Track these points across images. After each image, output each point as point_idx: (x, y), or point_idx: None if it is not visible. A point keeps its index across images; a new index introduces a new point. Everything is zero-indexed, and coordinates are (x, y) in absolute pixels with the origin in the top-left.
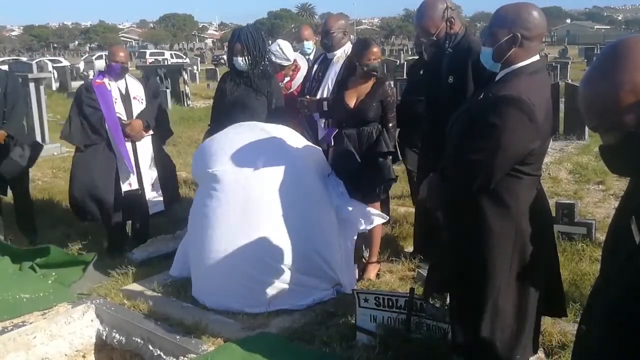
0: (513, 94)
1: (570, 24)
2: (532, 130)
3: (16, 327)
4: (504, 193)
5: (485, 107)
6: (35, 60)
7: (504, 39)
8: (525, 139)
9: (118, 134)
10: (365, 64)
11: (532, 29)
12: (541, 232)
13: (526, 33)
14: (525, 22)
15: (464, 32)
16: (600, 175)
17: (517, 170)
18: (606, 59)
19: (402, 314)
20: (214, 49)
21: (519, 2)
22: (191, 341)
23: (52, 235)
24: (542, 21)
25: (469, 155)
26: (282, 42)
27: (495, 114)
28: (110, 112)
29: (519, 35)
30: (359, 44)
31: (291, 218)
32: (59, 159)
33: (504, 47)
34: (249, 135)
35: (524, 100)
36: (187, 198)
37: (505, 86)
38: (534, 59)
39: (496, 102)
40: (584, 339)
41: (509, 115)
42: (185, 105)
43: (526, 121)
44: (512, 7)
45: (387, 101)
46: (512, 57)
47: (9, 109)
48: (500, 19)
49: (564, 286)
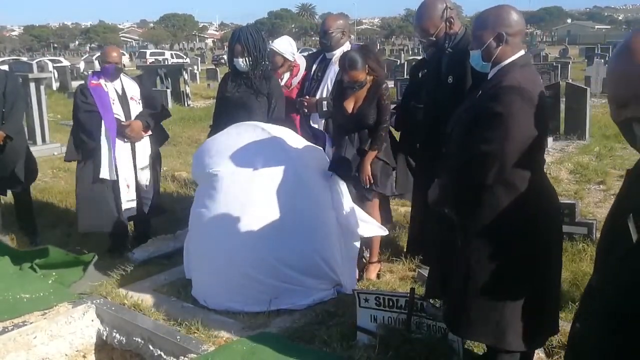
0: (512, 83)
1: (570, 24)
2: (533, 115)
3: (16, 327)
4: (517, 181)
5: (487, 100)
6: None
7: (490, 38)
8: (529, 124)
9: (113, 136)
10: (346, 81)
11: (513, 25)
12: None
13: (509, 30)
14: (506, 21)
15: (463, 32)
16: (601, 175)
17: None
18: (636, 37)
19: (403, 314)
20: (214, 49)
21: (497, 5)
22: (191, 341)
23: (52, 235)
24: (521, 19)
25: (479, 147)
26: (291, 39)
27: (499, 104)
28: (108, 113)
29: (504, 34)
30: (341, 60)
31: (291, 218)
32: (59, 159)
33: (492, 46)
34: (249, 135)
35: (524, 88)
36: (188, 198)
37: (502, 79)
38: (520, 54)
39: (497, 93)
40: (578, 336)
41: (512, 102)
42: (186, 105)
43: (527, 107)
44: (491, 10)
45: (381, 104)
46: (500, 55)
47: (8, 109)
48: (482, 22)
49: (564, 286)
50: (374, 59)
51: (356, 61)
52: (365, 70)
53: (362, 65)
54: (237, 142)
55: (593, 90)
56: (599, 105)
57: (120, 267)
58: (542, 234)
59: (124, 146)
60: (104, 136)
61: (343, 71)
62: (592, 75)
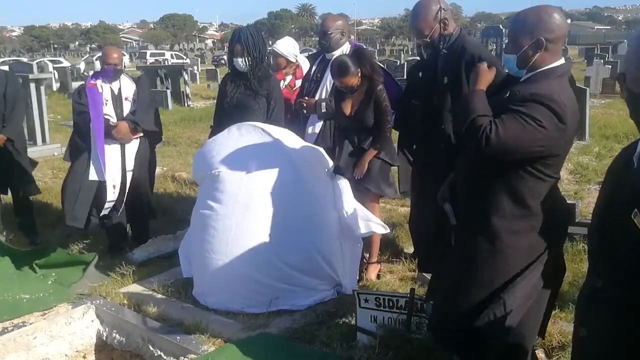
0: (546, 93)
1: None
2: (560, 131)
3: (16, 327)
4: (526, 194)
5: (516, 104)
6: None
7: (527, 44)
8: (553, 139)
9: (100, 136)
10: (338, 87)
11: (555, 30)
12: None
13: (549, 36)
14: (548, 25)
15: (458, 33)
16: (601, 176)
17: (539, 170)
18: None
19: (403, 315)
20: (214, 49)
21: (538, 5)
22: (191, 341)
23: (52, 235)
24: (564, 22)
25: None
26: (294, 40)
27: (527, 109)
28: (97, 115)
29: (543, 40)
30: (333, 67)
31: (292, 219)
32: (59, 159)
33: (528, 53)
34: (249, 136)
35: (557, 100)
36: (188, 198)
37: (536, 86)
38: (560, 62)
39: (527, 99)
40: (586, 341)
41: (539, 111)
42: (186, 105)
43: (555, 122)
44: (531, 11)
45: (380, 106)
46: (537, 62)
47: (9, 111)
48: (520, 25)
49: (564, 286)
50: (367, 64)
51: (346, 67)
52: (357, 75)
53: (353, 70)
54: (237, 142)
55: (592, 90)
56: (599, 105)
57: (120, 268)
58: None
59: (112, 147)
60: (92, 137)
61: (333, 77)
62: (591, 75)
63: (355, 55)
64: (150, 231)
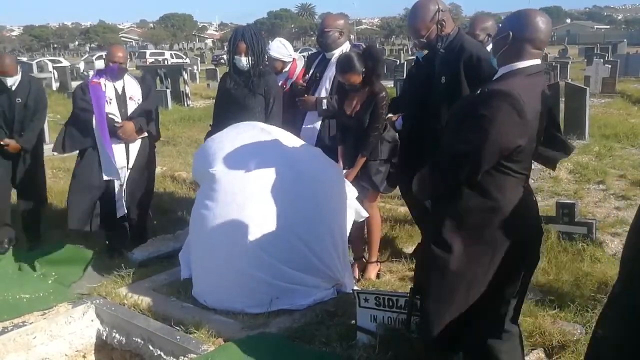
0: (504, 89)
1: (570, 24)
2: (520, 124)
3: (16, 327)
4: (492, 188)
5: (478, 102)
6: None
7: (502, 35)
8: (512, 132)
9: (105, 135)
10: (340, 81)
11: (530, 31)
12: (525, 239)
13: (523, 34)
14: (523, 23)
15: (456, 33)
16: (601, 175)
17: (505, 167)
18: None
19: (403, 314)
20: (214, 48)
21: (530, 8)
22: (191, 341)
23: (52, 235)
24: (543, 26)
25: (458, 146)
26: (283, 40)
27: (486, 107)
28: (100, 114)
29: (511, 33)
30: (338, 64)
31: (291, 218)
32: (59, 159)
33: (500, 43)
34: (248, 135)
35: (514, 95)
36: (187, 198)
37: (502, 83)
38: (533, 62)
39: (488, 96)
40: (601, 344)
41: (498, 108)
42: (185, 105)
43: (515, 116)
44: (520, 11)
45: (374, 111)
46: (510, 57)
47: (28, 120)
48: (506, 19)
49: (564, 286)
50: (372, 66)
51: (350, 64)
52: (360, 74)
53: (357, 69)
54: (237, 141)
55: (592, 90)
56: (599, 105)
57: (120, 267)
58: (508, 251)
59: (118, 147)
60: (98, 137)
61: (337, 72)
62: (591, 75)
63: (364, 54)
64: (150, 231)
